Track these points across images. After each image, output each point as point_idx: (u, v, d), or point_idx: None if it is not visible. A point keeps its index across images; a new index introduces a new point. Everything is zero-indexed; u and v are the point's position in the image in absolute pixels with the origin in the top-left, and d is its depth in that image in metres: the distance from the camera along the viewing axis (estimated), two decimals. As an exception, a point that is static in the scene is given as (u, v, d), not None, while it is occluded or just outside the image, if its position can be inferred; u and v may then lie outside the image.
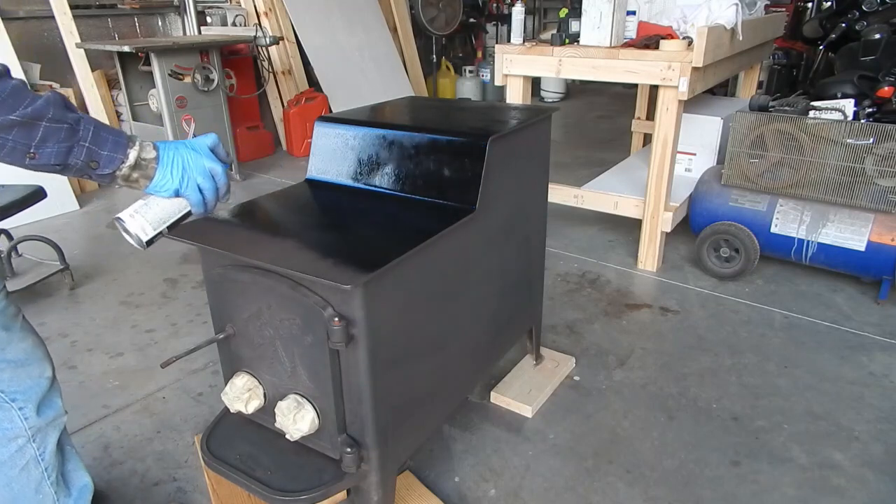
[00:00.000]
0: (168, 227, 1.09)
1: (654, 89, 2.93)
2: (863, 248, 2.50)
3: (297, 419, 1.24)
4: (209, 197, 1.09)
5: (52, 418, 1.27)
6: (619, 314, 2.58)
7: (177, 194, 1.05)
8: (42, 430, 1.25)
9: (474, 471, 1.75)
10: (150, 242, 1.07)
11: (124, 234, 1.05)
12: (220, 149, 1.14)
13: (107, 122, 4.25)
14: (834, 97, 2.76)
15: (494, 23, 7.78)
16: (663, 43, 2.58)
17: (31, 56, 3.98)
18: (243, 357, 1.35)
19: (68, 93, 4.02)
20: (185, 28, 4.85)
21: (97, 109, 4.16)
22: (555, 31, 2.85)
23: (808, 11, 5.09)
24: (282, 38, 4.94)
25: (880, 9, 3.69)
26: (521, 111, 1.82)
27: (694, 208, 2.95)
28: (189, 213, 1.10)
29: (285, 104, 5.12)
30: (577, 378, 2.16)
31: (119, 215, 1.05)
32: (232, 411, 1.36)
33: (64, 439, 1.35)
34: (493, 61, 3.11)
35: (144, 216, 1.05)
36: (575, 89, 7.91)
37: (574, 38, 2.79)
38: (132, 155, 0.99)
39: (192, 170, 1.06)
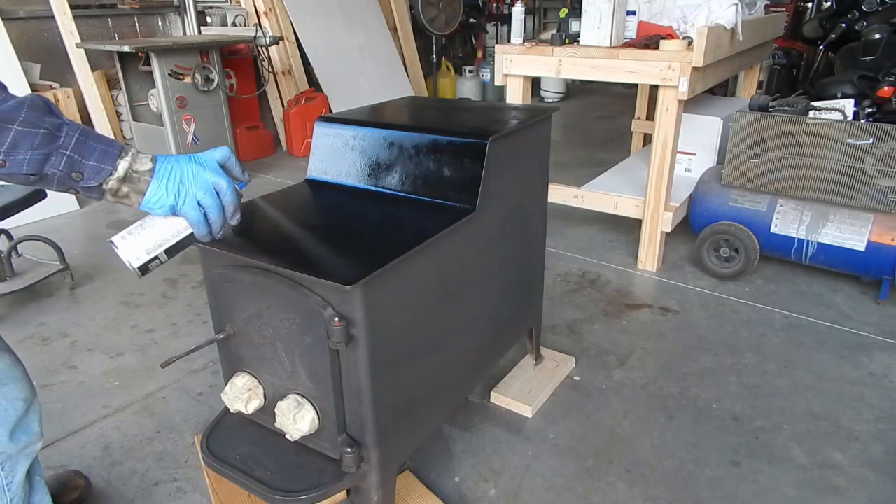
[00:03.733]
0: (166, 252, 0.98)
1: (654, 89, 2.93)
2: (863, 248, 2.50)
3: (297, 419, 1.24)
4: (212, 216, 0.96)
5: (25, 444, 1.19)
6: (619, 314, 2.58)
7: (173, 212, 0.94)
8: (13, 457, 1.16)
9: (474, 471, 1.75)
10: (144, 269, 0.96)
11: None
12: (234, 164, 1.01)
13: (107, 123, 4.26)
14: (834, 97, 2.76)
15: (494, 23, 7.77)
16: (663, 43, 2.58)
17: (31, 56, 3.98)
18: (243, 357, 1.35)
19: (68, 93, 4.03)
20: (185, 28, 4.85)
21: (97, 109, 4.16)
22: (555, 31, 2.85)
23: (808, 11, 5.09)
24: (282, 38, 4.95)
25: (880, 9, 3.69)
26: (521, 111, 1.82)
27: (694, 208, 2.95)
28: (192, 237, 0.99)
29: (285, 104, 5.12)
30: (577, 378, 2.16)
31: (112, 238, 0.96)
32: (232, 411, 1.36)
33: (34, 468, 1.27)
34: (493, 61, 3.11)
35: (138, 239, 0.95)
36: (575, 89, 7.91)
37: (574, 38, 2.79)
38: (122, 166, 0.88)
39: (192, 184, 0.93)
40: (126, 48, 3.74)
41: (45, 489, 1.31)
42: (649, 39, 2.64)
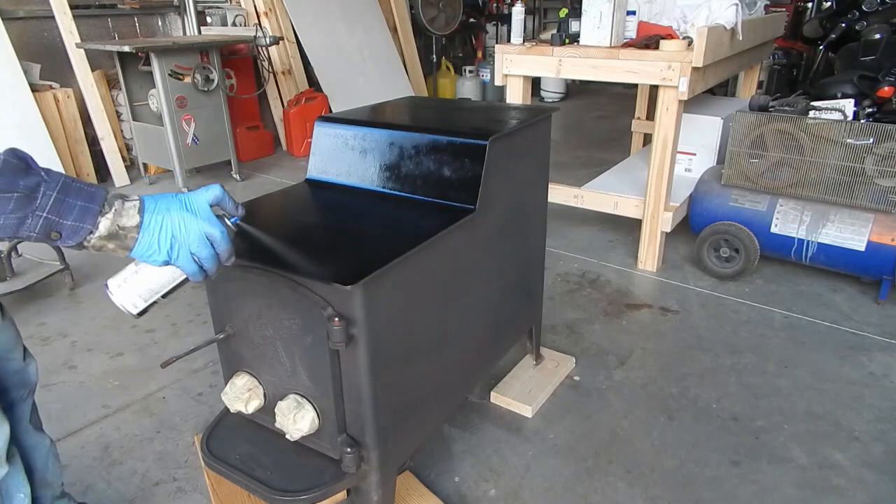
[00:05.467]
0: (162, 296, 0.97)
1: (654, 89, 2.93)
2: (863, 248, 2.50)
3: (297, 419, 1.24)
4: (207, 265, 0.93)
5: None
6: (619, 314, 2.58)
7: (167, 264, 0.91)
8: None
9: (474, 471, 1.75)
10: (142, 312, 0.96)
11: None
12: (227, 202, 0.97)
13: (107, 123, 4.26)
14: (834, 97, 2.76)
15: (494, 23, 7.77)
16: (663, 43, 2.58)
17: (31, 56, 3.98)
18: (243, 357, 1.35)
19: (68, 93, 4.03)
20: (185, 28, 4.85)
21: (97, 109, 4.16)
22: (555, 31, 2.85)
23: (808, 11, 5.09)
24: (282, 38, 4.95)
25: (880, 9, 3.69)
26: (521, 111, 1.82)
27: (694, 208, 2.95)
28: (187, 280, 0.97)
29: (285, 104, 5.12)
30: (577, 378, 2.16)
31: (107, 283, 0.94)
32: (232, 411, 1.36)
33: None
34: (493, 61, 3.11)
35: (134, 287, 0.93)
36: (575, 89, 7.91)
37: (574, 38, 2.79)
38: (104, 224, 0.84)
39: (185, 237, 0.89)
40: (126, 48, 3.74)
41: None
42: (649, 39, 2.64)
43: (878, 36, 3.29)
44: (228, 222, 0.96)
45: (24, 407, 1.27)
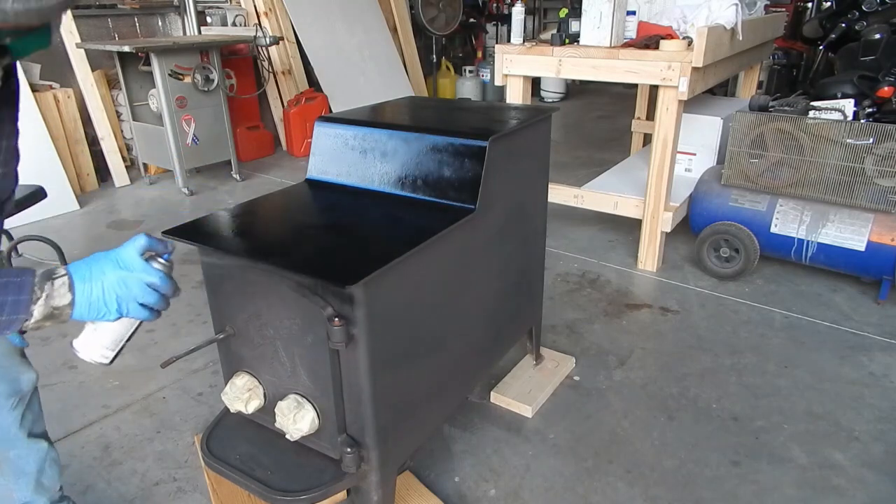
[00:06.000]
0: (126, 342, 1.03)
1: (654, 89, 2.93)
2: (863, 248, 2.50)
3: (297, 419, 1.24)
4: (158, 306, 0.97)
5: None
6: (619, 314, 2.58)
7: (121, 317, 0.95)
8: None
9: (474, 471, 1.75)
10: (113, 359, 1.02)
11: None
12: (155, 244, 0.98)
13: (107, 123, 4.26)
14: (834, 97, 2.76)
15: (494, 23, 7.77)
16: (663, 43, 2.58)
17: (30, 56, 3.98)
18: (243, 357, 1.35)
19: (68, 93, 4.02)
20: (185, 28, 4.85)
21: (97, 109, 4.16)
22: (555, 31, 2.85)
23: (808, 11, 5.10)
24: (282, 38, 4.94)
25: (880, 9, 3.69)
26: (521, 111, 1.82)
27: (694, 208, 2.95)
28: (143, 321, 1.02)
29: (285, 104, 5.12)
30: (577, 378, 2.16)
31: (73, 343, 1.00)
32: (232, 411, 1.36)
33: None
34: (493, 61, 3.11)
35: (97, 343, 0.99)
36: (575, 89, 7.91)
37: (574, 38, 2.79)
38: (38, 311, 0.85)
39: (128, 292, 0.92)
40: (126, 48, 3.74)
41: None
42: (649, 39, 2.64)
43: (878, 36, 3.29)
44: (162, 261, 0.99)
45: (15, 414, 1.27)
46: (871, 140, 2.43)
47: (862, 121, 2.57)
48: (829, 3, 4.16)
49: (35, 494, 1.33)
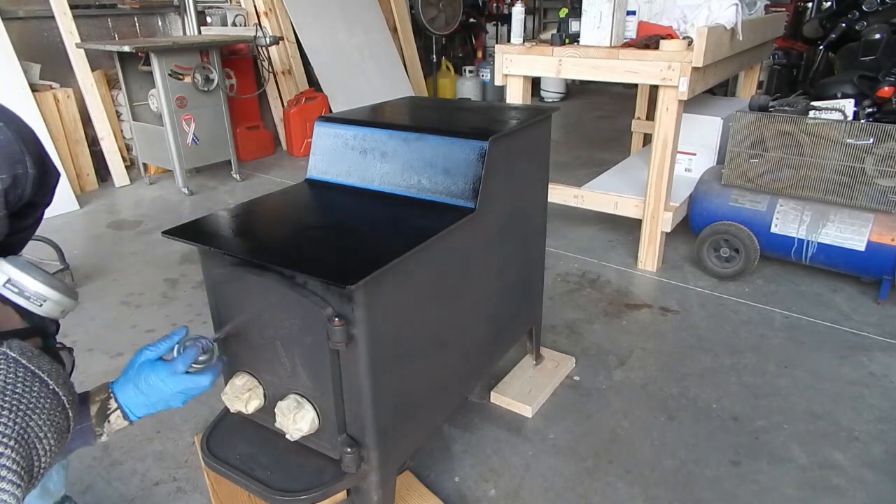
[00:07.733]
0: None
1: (654, 89, 2.93)
2: (863, 248, 2.50)
3: (297, 419, 1.24)
4: (198, 394, 1.13)
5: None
6: (619, 314, 2.58)
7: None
8: None
9: (474, 471, 1.75)
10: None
11: None
12: (193, 354, 1.17)
13: (107, 123, 4.27)
14: (834, 97, 2.76)
15: (494, 23, 7.78)
16: (663, 43, 2.58)
17: (31, 56, 3.98)
18: (243, 357, 1.35)
19: (68, 93, 4.02)
20: (185, 28, 4.85)
21: (97, 109, 4.16)
22: (555, 31, 2.85)
23: (808, 11, 5.09)
24: (282, 38, 4.94)
25: (880, 9, 3.69)
26: (521, 111, 1.82)
27: (694, 208, 2.95)
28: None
29: (285, 104, 5.12)
30: (577, 378, 2.16)
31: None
32: (232, 411, 1.36)
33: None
34: (493, 61, 3.11)
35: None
36: (575, 89, 7.91)
37: (574, 38, 2.79)
38: (104, 438, 1.07)
39: (169, 403, 1.11)
40: (126, 48, 3.74)
41: None
42: (649, 39, 2.64)
43: (878, 36, 3.29)
44: (202, 358, 1.17)
45: None
46: (871, 140, 2.43)
47: (862, 121, 2.57)
48: (829, 3, 4.16)
49: (39, 500, 1.32)
